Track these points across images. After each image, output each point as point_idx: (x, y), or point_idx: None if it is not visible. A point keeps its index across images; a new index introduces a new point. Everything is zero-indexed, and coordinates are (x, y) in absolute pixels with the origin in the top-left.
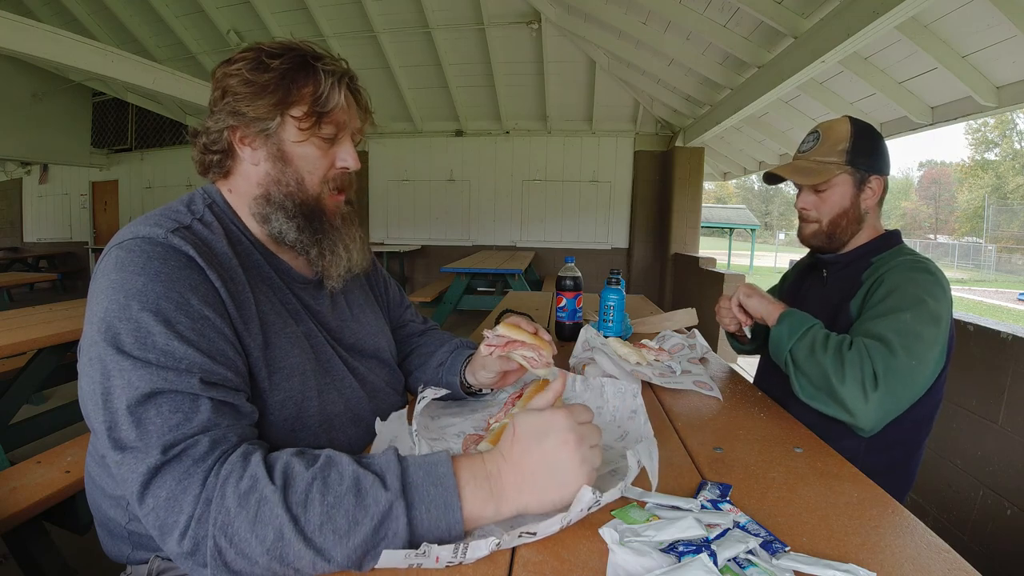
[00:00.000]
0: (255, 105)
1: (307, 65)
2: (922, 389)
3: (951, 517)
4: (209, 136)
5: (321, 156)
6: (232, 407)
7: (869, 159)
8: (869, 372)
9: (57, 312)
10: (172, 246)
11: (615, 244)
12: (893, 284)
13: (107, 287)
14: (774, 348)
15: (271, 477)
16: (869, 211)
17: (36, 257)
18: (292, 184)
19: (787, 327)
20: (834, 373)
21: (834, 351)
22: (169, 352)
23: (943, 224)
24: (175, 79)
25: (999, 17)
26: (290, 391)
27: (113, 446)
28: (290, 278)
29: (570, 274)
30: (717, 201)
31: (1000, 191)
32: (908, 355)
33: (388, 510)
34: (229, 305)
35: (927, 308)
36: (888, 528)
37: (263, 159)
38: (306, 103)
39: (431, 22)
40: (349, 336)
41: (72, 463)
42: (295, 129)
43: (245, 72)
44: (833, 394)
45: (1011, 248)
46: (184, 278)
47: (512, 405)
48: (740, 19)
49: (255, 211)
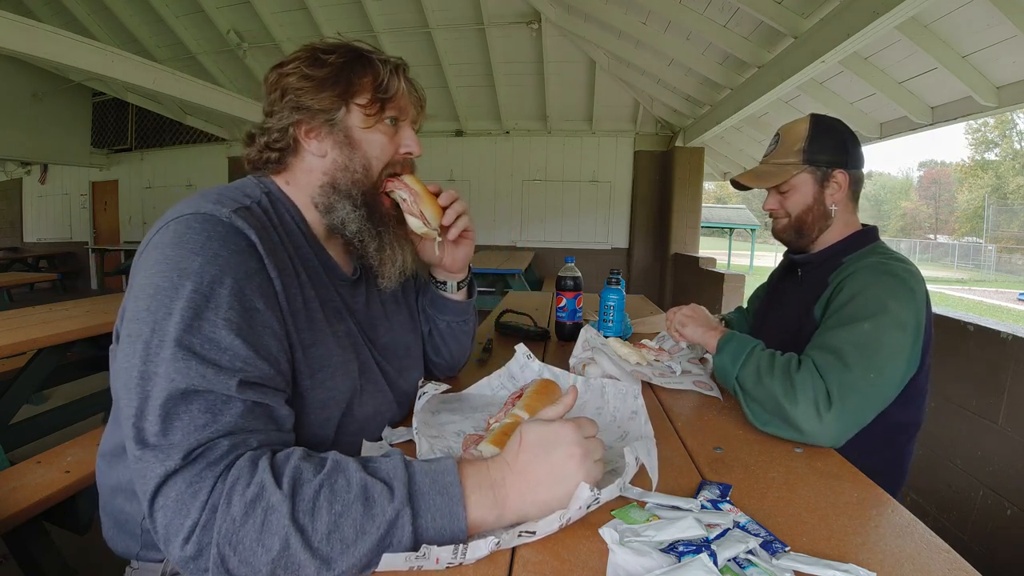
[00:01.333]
0: (319, 97)
1: (362, 57)
2: (886, 399)
3: (951, 517)
4: (271, 135)
5: (388, 141)
6: (266, 409)
7: (830, 154)
8: (822, 391)
9: (57, 312)
10: (235, 227)
11: (615, 244)
12: (855, 289)
13: (161, 262)
14: (720, 376)
15: (278, 483)
16: (837, 206)
17: (36, 257)
18: (359, 170)
19: (729, 355)
20: (784, 396)
21: (782, 373)
22: (215, 341)
23: (943, 224)
24: (175, 79)
25: (999, 17)
26: (333, 390)
27: (136, 436)
28: (334, 275)
29: (570, 274)
30: (717, 201)
31: (1000, 191)
32: (865, 368)
33: (395, 519)
34: (281, 297)
35: (889, 315)
36: (888, 528)
37: (330, 148)
38: (368, 91)
39: (431, 22)
40: (383, 336)
41: (72, 463)
42: (361, 115)
43: (304, 68)
44: (786, 418)
45: (1011, 248)
46: (242, 264)
47: (512, 405)
48: (740, 19)
49: (319, 200)
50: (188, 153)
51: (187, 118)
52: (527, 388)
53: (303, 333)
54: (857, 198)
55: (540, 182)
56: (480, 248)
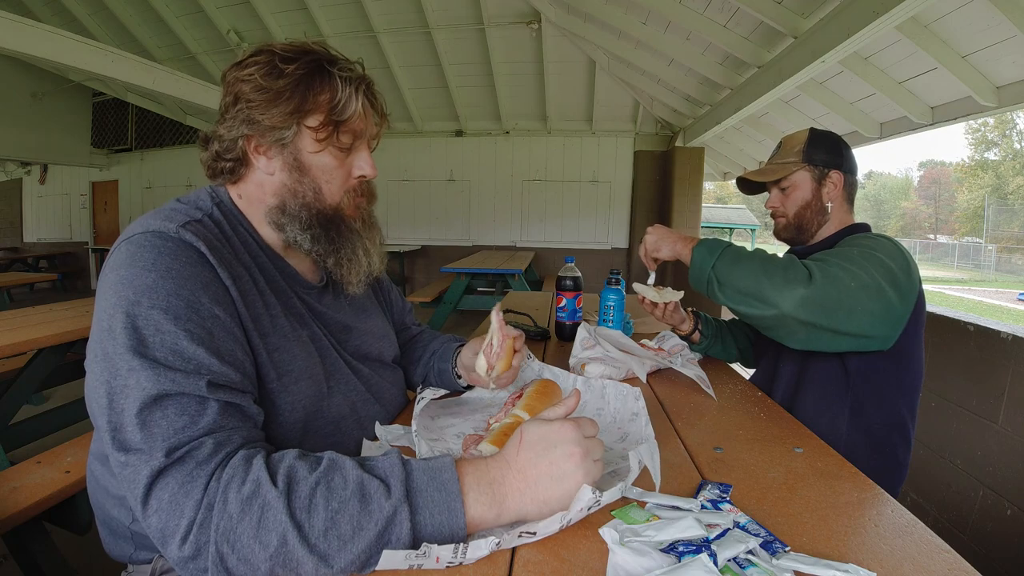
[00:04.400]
0: (270, 113)
1: (323, 70)
2: (849, 315)
3: (951, 517)
4: (222, 144)
5: (338, 165)
6: (238, 408)
7: (826, 155)
8: (802, 271)
9: (57, 312)
10: (184, 241)
11: (615, 244)
12: (841, 246)
13: (116, 283)
14: (696, 274)
15: (274, 481)
16: (833, 203)
17: (36, 257)
18: (309, 195)
19: (706, 248)
20: (763, 271)
21: (762, 257)
22: (178, 352)
23: (943, 224)
24: (175, 79)
25: (999, 17)
26: (299, 394)
27: (117, 447)
28: (295, 282)
29: (570, 274)
30: (717, 201)
31: (1000, 191)
32: (847, 274)
33: (392, 515)
34: (239, 303)
35: (877, 250)
36: (888, 528)
37: (278, 169)
38: (323, 112)
39: (431, 22)
40: (354, 339)
41: (72, 463)
42: (311, 139)
43: (259, 78)
44: (760, 292)
45: (1011, 248)
46: (195, 275)
47: (512, 405)
48: (740, 19)
49: (271, 220)
50: (188, 153)
51: (187, 118)
52: (527, 388)
53: (267, 338)
54: (852, 200)
55: (540, 182)
56: (480, 248)
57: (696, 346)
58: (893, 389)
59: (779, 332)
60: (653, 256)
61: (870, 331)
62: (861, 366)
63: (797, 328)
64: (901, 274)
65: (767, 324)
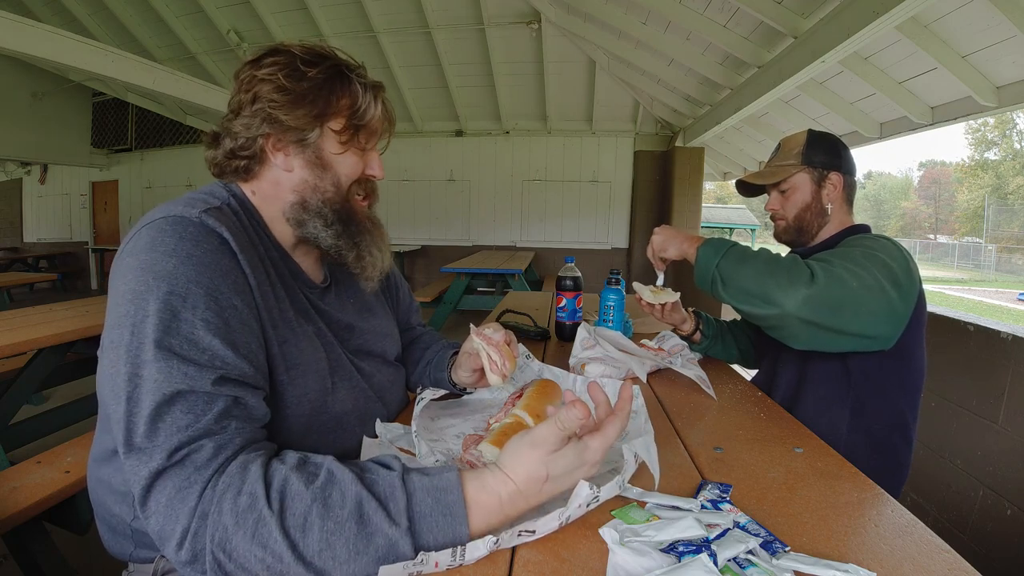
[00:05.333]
0: (294, 114)
1: (343, 76)
2: (852, 315)
3: (951, 517)
4: (237, 141)
5: (358, 162)
6: (244, 407)
7: (825, 157)
8: (805, 271)
9: (57, 312)
10: (206, 226)
11: (615, 244)
12: (842, 247)
13: (135, 267)
14: (701, 271)
15: (268, 495)
16: (833, 204)
17: (36, 257)
18: (330, 189)
19: (712, 246)
20: (767, 271)
21: (766, 257)
22: (194, 341)
23: (943, 224)
24: (175, 79)
25: (999, 17)
26: (305, 388)
27: (124, 439)
28: (300, 280)
29: (570, 274)
30: (717, 201)
31: (1000, 191)
32: (850, 274)
33: (394, 544)
34: (256, 293)
35: (878, 251)
36: (888, 528)
37: (298, 166)
38: (344, 115)
39: (431, 22)
40: (356, 338)
41: (72, 463)
42: (335, 141)
43: (281, 78)
44: (764, 291)
45: (1011, 248)
46: (216, 263)
47: (512, 405)
48: (740, 19)
49: (290, 216)
50: (188, 153)
51: (187, 118)
52: (527, 388)
53: (278, 329)
54: (851, 202)
55: (540, 182)
56: (480, 248)
57: (697, 346)
58: (895, 389)
59: (782, 332)
60: (661, 256)
61: (872, 331)
62: (863, 366)
63: (800, 328)
64: (902, 274)
65: (770, 323)
